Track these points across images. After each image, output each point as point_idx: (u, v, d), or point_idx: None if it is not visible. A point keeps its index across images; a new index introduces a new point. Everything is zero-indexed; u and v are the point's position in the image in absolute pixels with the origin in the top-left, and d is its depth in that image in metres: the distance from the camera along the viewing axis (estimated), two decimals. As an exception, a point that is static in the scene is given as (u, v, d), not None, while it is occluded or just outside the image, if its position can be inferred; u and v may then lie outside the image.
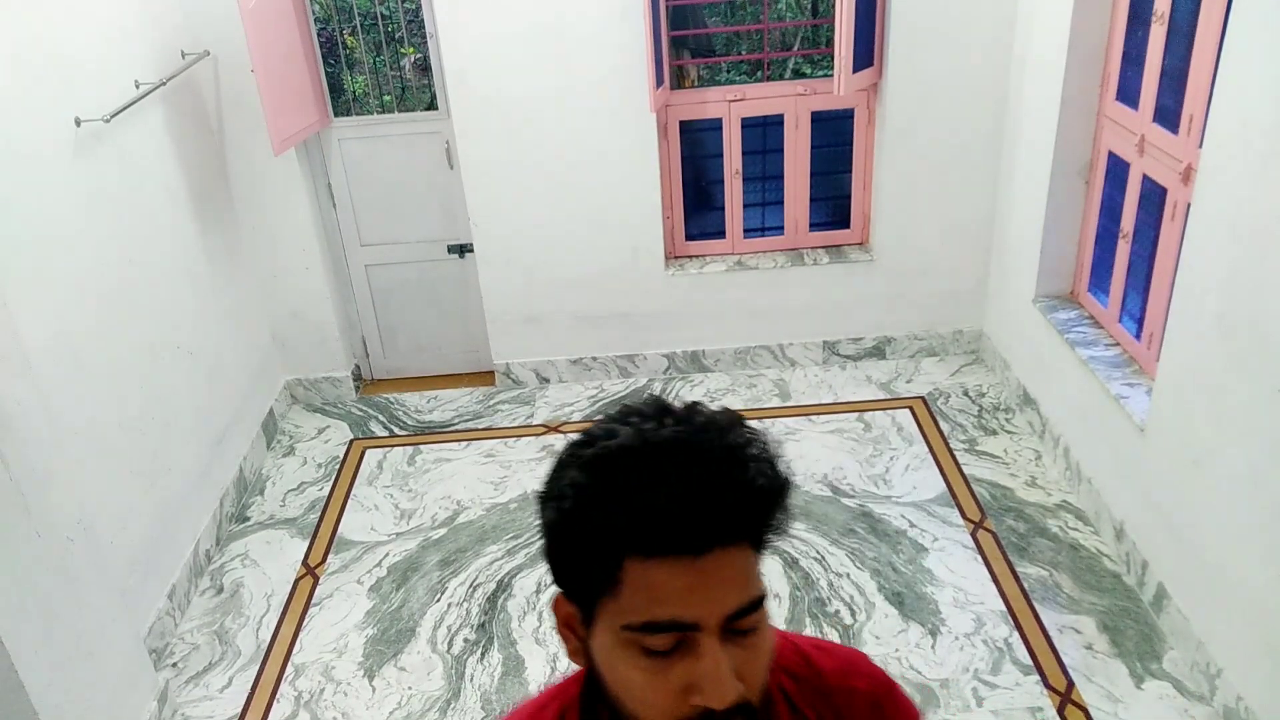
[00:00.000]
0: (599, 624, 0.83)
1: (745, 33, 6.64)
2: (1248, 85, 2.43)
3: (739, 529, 0.79)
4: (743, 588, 0.80)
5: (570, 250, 4.31)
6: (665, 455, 0.78)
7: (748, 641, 0.82)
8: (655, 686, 0.81)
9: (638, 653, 0.81)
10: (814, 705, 1.00)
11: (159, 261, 3.50)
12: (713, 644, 0.79)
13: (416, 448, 4.21)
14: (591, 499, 0.79)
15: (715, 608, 0.79)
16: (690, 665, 0.79)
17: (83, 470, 2.87)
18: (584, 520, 0.80)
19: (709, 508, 0.77)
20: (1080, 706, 2.77)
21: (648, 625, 0.79)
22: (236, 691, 3.07)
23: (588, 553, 0.81)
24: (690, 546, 0.77)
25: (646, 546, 0.78)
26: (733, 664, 0.80)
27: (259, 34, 3.59)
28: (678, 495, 0.76)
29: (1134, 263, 3.36)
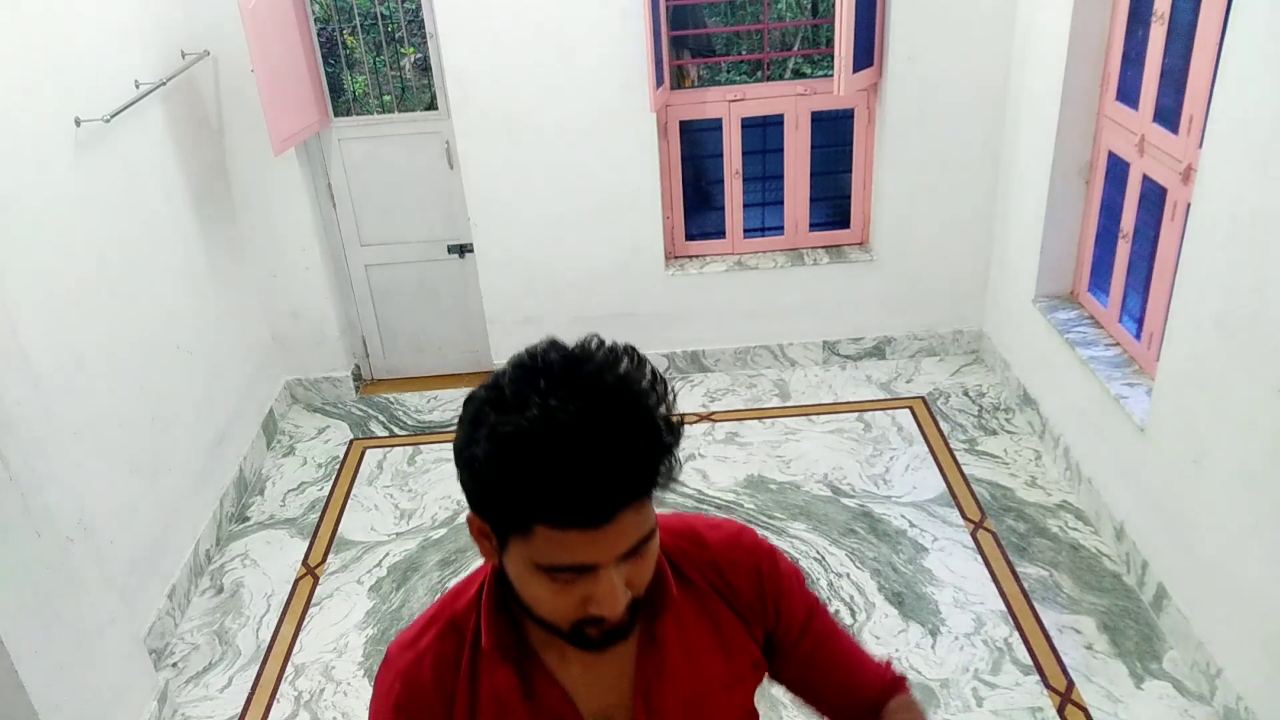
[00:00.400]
0: (510, 551, 0.94)
1: (745, 33, 6.64)
2: (1248, 85, 2.43)
3: (640, 494, 0.89)
4: (638, 531, 0.91)
5: (570, 250, 4.31)
6: (575, 439, 0.85)
7: (638, 559, 0.94)
8: (558, 602, 0.94)
9: (544, 578, 0.93)
10: (702, 572, 1.12)
11: (159, 261, 3.50)
12: (609, 574, 0.92)
13: (416, 448, 4.21)
14: (502, 476, 0.87)
15: (612, 553, 0.91)
16: (589, 585, 0.92)
17: (83, 470, 2.87)
18: (495, 492, 0.89)
19: (608, 489, 0.86)
20: (1080, 706, 2.77)
21: (554, 568, 0.91)
22: (236, 691, 3.07)
23: (501, 513, 0.91)
24: (595, 520, 0.87)
25: (553, 520, 0.87)
26: (624, 578, 0.93)
27: (259, 34, 3.59)
28: (580, 482, 0.85)
29: (1134, 263, 3.36)
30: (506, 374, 0.93)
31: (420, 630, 1.12)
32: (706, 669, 1.11)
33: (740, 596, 1.13)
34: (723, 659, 1.12)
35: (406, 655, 1.11)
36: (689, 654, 1.10)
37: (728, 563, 1.13)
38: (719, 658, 1.12)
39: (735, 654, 1.13)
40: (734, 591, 1.13)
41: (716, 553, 1.13)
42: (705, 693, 1.11)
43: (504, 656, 1.06)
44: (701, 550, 1.13)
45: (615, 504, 0.88)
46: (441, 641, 1.09)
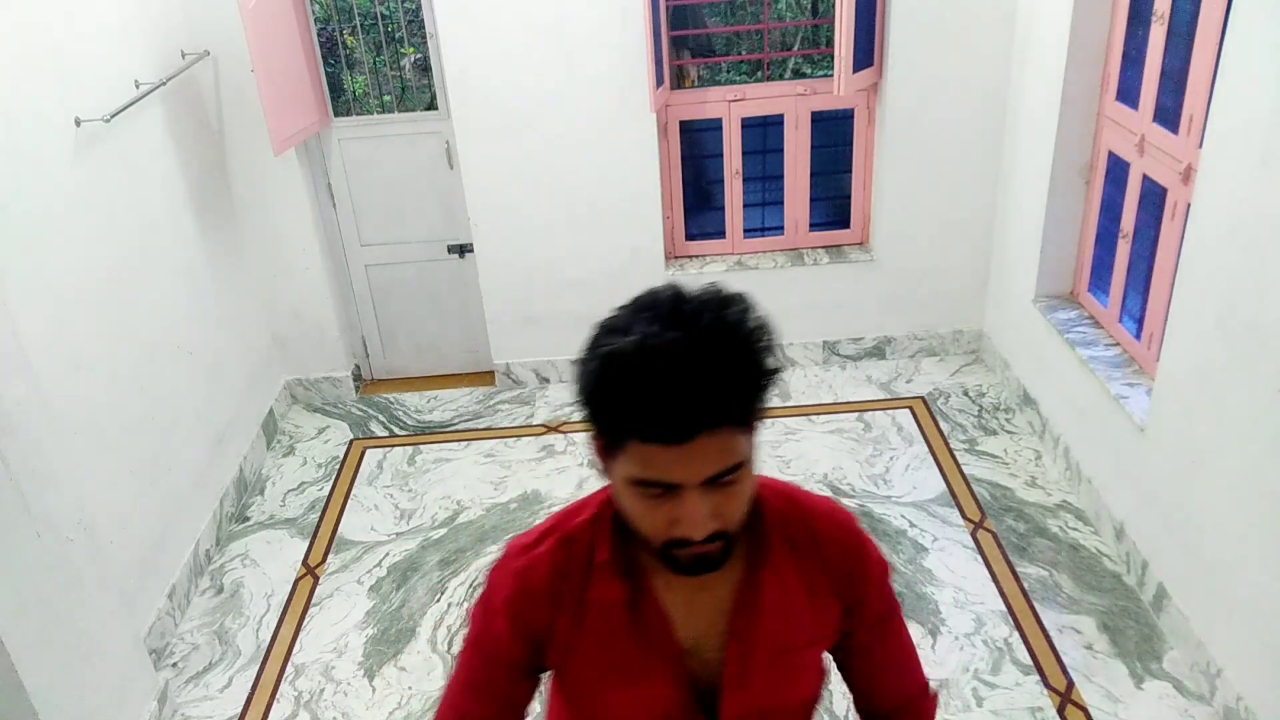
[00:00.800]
0: (614, 465, 1.05)
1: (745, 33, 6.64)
2: (1248, 85, 2.43)
3: (719, 421, 0.96)
4: (721, 459, 0.99)
5: (570, 250, 4.31)
6: (661, 363, 0.94)
7: (727, 490, 1.01)
8: (649, 517, 1.03)
9: (637, 492, 1.02)
10: (800, 536, 1.19)
11: (159, 261, 3.50)
12: (693, 495, 0.99)
13: (416, 448, 4.21)
14: (601, 393, 0.99)
15: (695, 475, 0.98)
16: (675, 506, 1.00)
17: (83, 470, 2.87)
18: (595, 407, 1.01)
19: (691, 410, 0.94)
20: (1080, 706, 2.77)
21: (642, 481, 1.00)
22: (236, 691, 3.07)
23: (600, 426, 1.02)
24: (675, 438, 0.96)
25: (642, 436, 0.97)
26: (711, 506, 1.00)
27: (259, 34, 3.59)
28: (666, 400, 0.94)
29: (1134, 263, 3.36)
30: (626, 305, 1.03)
31: (537, 538, 1.21)
32: (796, 623, 1.19)
33: (831, 568, 1.20)
34: (810, 617, 1.20)
35: (523, 558, 1.20)
36: (783, 606, 1.18)
37: (824, 534, 1.20)
38: (808, 615, 1.20)
39: (821, 615, 1.21)
40: (826, 561, 1.20)
41: (815, 521, 1.21)
42: (791, 644, 1.19)
43: (617, 571, 1.15)
44: (800, 516, 1.20)
45: (695, 425, 0.95)
46: (556, 551, 1.18)
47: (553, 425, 4.28)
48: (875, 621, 1.25)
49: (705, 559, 1.05)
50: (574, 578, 1.17)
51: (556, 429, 4.25)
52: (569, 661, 1.20)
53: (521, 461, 4.05)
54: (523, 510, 3.75)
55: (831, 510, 1.24)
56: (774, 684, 1.18)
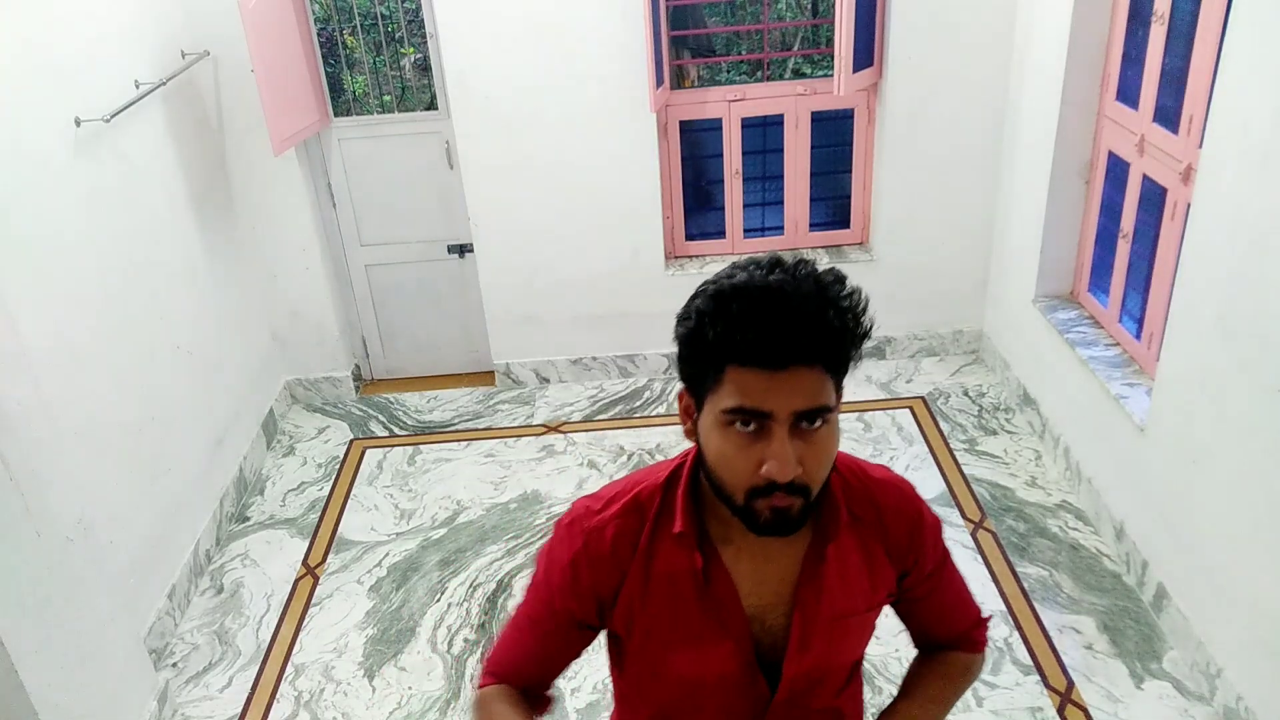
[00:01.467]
0: (705, 410, 1.11)
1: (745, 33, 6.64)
2: (1248, 85, 2.43)
3: (811, 355, 1.03)
4: (810, 396, 1.04)
5: (570, 250, 4.31)
6: (764, 294, 1.03)
7: (812, 438, 1.07)
8: (738, 458, 1.07)
9: (728, 432, 1.07)
10: (864, 508, 1.25)
11: (159, 261, 3.50)
12: (782, 432, 1.05)
13: (416, 448, 4.21)
14: (708, 321, 1.05)
15: (785, 406, 1.04)
16: (764, 446, 1.06)
17: (83, 470, 2.87)
18: (701, 336, 1.06)
19: (787, 336, 1.02)
20: (1080, 706, 2.77)
21: (736, 410, 1.05)
22: (236, 691, 3.07)
23: (702, 359, 1.08)
24: (772, 362, 1.03)
25: (741, 358, 1.04)
26: (796, 452, 1.06)
27: (259, 34, 3.59)
28: (767, 324, 1.02)
29: (1134, 263, 3.36)
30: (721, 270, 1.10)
31: (606, 502, 1.26)
32: (855, 592, 1.25)
33: (890, 538, 1.27)
34: (869, 587, 1.27)
35: (592, 519, 1.25)
36: (844, 576, 1.24)
37: (887, 507, 1.27)
38: (867, 585, 1.26)
39: (879, 585, 1.28)
40: (887, 533, 1.27)
41: (877, 494, 1.27)
42: (850, 612, 1.25)
43: (691, 540, 1.20)
44: (863, 488, 1.26)
45: (792, 353, 1.02)
46: (625, 517, 1.23)
47: (553, 425, 4.28)
48: (929, 576, 1.33)
49: (784, 515, 1.08)
50: (640, 546, 1.22)
51: (556, 429, 4.25)
52: (634, 624, 1.25)
53: (521, 461, 4.05)
54: (522, 510, 3.75)
55: (892, 482, 1.29)
56: (830, 647, 1.26)
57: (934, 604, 1.37)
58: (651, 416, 4.30)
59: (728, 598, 1.21)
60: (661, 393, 4.45)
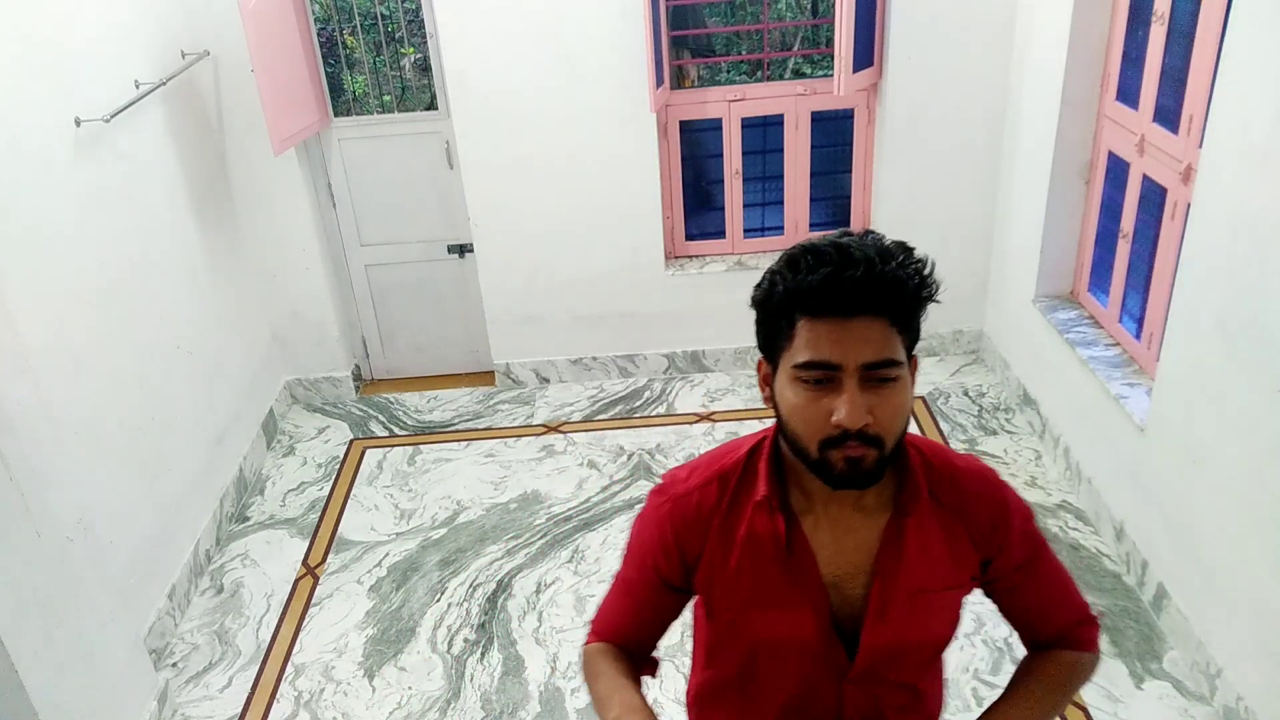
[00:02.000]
0: (779, 371, 1.17)
1: (745, 33, 6.64)
2: (1248, 85, 2.43)
3: (876, 305, 1.10)
4: (878, 347, 1.10)
5: (570, 250, 4.31)
6: (832, 248, 1.10)
7: (882, 390, 1.12)
8: (810, 409, 1.13)
9: (801, 386, 1.13)
10: (947, 492, 1.28)
11: (159, 261, 3.50)
12: (851, 383, 1.10)
13: (416, 448, 4.21)
14: (780, 278, 1.14)
15: (854, 356, 1.10)
16: (834, 397, 1.11)
17: (83, 470, 2.87)
18: (774, 291, 1.15)
19: (852, 284, 1.08)
20: (1080, 706, 2.77)
21: (807, 364, 1.12)
22: (236, 691, 3.07)
23: (775, 314, 1.16)
24: (840, 311, 1.10)
25: (810, 309, 1.11)
26: (866, 402, 1.11)
27: (259, 34, 3.59)
28: (834, 275, 1.09)
29: (1134, 263, 3.36)
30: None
31: (689, 473, 1.34)
32: (936, 570, 1.27)
33: (974, 523, 1.29)
34: (950, 566, 1.28)
35: (680, 487, 1.32)
36: (925, 553, 1.26)
37: (970, 492, 1.29)
38: (948, 564, 1.28)
39: (960, 566, 1.29)
40: (970, 517, 1.28)
41: (961, 479, 1.29)
42: (929, 587, 1.27)
43: (774, 507, 1.25)
44: (948, 471, 1.29)
45: (856, 301, 1.09)
46: (707, 488, 1.30)
47: (553, 425, 4.28)
48: (1019, 565, 1.33)
49: (858, 465, 1.13)
50: (721, 512, 1.29)
51: (556, 429, 4.25)
52: (714, 586, 1.31)
53: (521, 461, 4.05)
54: (522, 510, 3.75)
55: (976, 470, 1.31)
56: (910, 622, 1.28)
57: (1031, 597, 1.36)
58: (651, 416, 4.30)
59: (806, 564, 1.25)
60: (661, 393, 4.45)
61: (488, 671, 3.06)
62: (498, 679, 3.03)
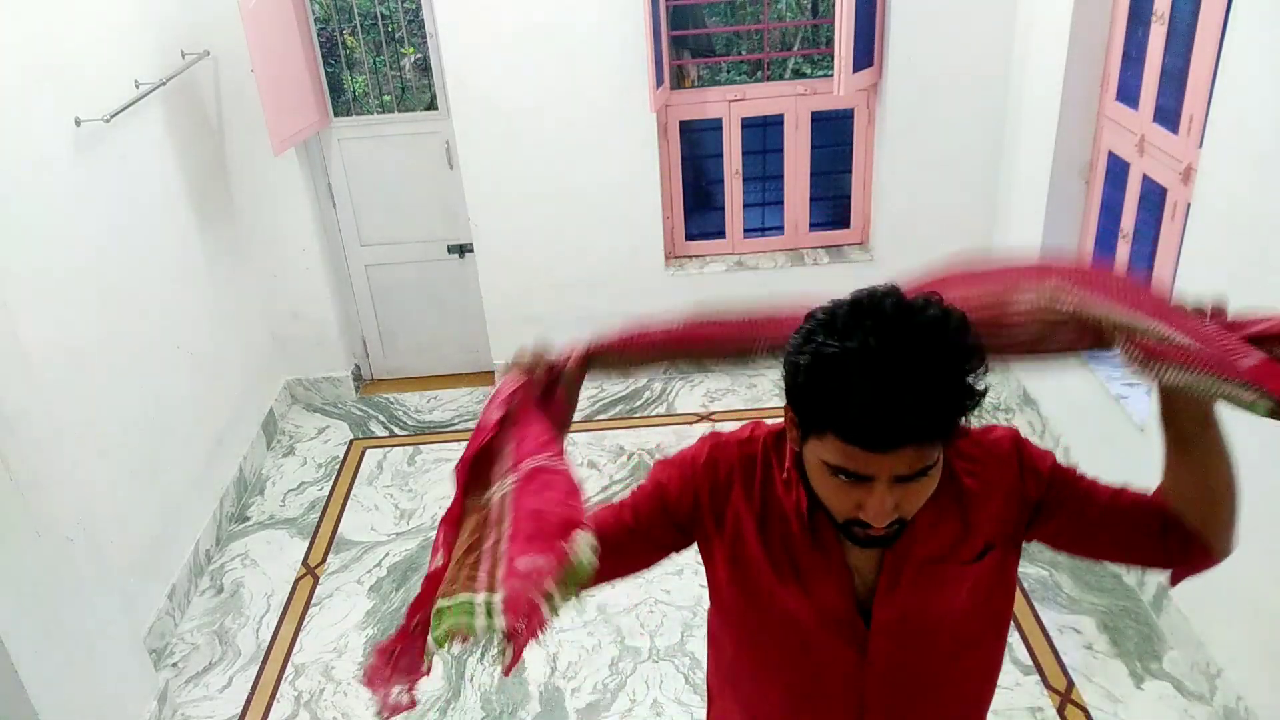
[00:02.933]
0: (807, 446, 1.13)
1: (745, 33, 6.64)
2: (1248, 85, 2.43)
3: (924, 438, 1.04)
4: (916, 464, 1.06)
5: (570, 250, 4.31)
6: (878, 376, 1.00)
7: (913, 486, 1.09)
8: (835, 497, 1.13)
9: (828, 474, 1.11)
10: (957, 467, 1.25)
11: (159, 261, 3.50)
12: (881, 488, 1.08)
13: (416, 448, 4.21)
14: (814, 386, 1.06)
15: (888, 473, 1.07)
16: (864, 494, 1.09)
17: (82, 470, 2.87)
18: (806, 397, 1.08)
19: (897, 426, 1.02)
20: (1080, 706, 2.78)
21: (837, 469, 1.09)
22: (236, 691, 3.07)
23: (806, 413, 1.10)
24: (879, 448, 1.04)
25: (844, 436, 1.05)
26: (896, 499, 1.09)
27: (259, 34, 3.59)
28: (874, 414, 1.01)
29: (1134, 263, 3.36)
30: (844, 306, 1.07)
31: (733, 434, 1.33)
32: (946, 538, 1.25)
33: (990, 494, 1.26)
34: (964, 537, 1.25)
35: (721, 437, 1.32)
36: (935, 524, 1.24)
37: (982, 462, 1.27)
38: (960, 534, 1.25)
39: (975, 534, 1.25)
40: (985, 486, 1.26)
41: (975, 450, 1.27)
42: (939, 556, 1.25)
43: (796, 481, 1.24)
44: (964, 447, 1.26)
45: (901, 439, 1.03)
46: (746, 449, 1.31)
47: (553, 425, 4.27)
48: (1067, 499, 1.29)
49: (882, 539, 1.15)
50: (758, 478, 1.28)
51: (556, 429, 4.24)
52: (744, 553, 1.29)
53: (521, 461, 4.04)
54: (523, 510, 3.75)
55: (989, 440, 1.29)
56: (923, 594, 1.26)
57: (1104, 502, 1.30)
58: (651, 417, 4.30)
59: (829, 543, 1.25)
60: (661, 393, 4.45)
61: (488, 671, 3.06)
62: (498, 679, 3.03)
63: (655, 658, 3.05)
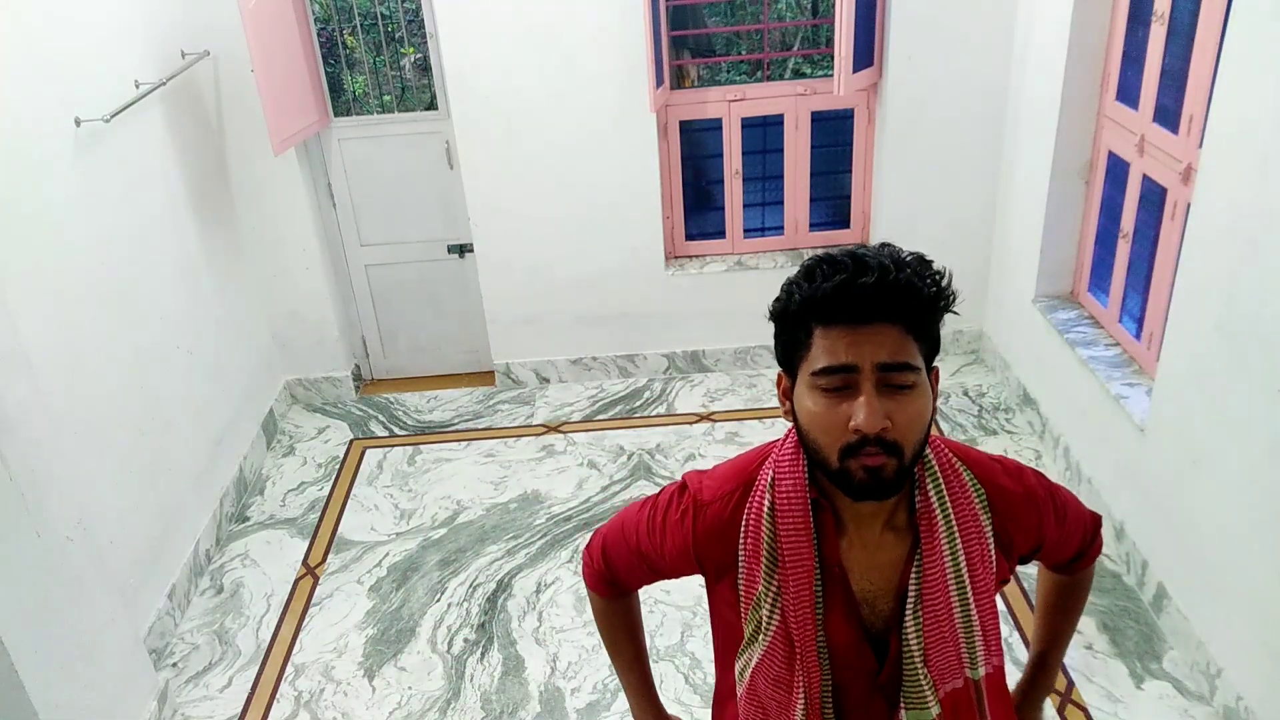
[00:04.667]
0: (798, 382, 1.18)
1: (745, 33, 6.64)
2: (1248, 85, 2.43)
3: (891, 312, 1.11)
4: (892, 351, 1.11)
5: (570, 250, 4.31)
6: (846, 256, 1.12)
7: (899, 396, 1.12)
8: (828, 416, 1.14)
9: (819, 394, 1.14)
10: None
11: (159, 261, 3.50)
12: (868, 385, 1.11)
13: (416, 448, 4.21)
14: (797, 288, 1.15)
15: (868, 358, 1.11)
16: (852, 403, 1.12)
17: (83, 470, 2.87)
18: (790, 302, 1.16)
19: (868, 291, 1.10)
20: (1080, 706, 2.78)
21: (824, 369, 1.13)
22: (236, 691, 3.07)
23: (792, 325, 1.17)
24: (854, 318, 1.11)
25: (826, 317, 1.12)
26: (884, 408, 1.11)
27: (259, 34, 3.59)
28: (848, 282, 1.10)
29: (1134, 263, 3.36)
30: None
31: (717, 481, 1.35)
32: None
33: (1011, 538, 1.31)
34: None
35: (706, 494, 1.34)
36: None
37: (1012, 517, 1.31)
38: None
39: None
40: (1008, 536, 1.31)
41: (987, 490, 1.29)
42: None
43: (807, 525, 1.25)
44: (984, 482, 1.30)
45: (871, 307, 1.10)
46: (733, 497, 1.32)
47: (553, 425, 4.28)
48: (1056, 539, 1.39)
49: (879, 474, 1.13)
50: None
51: (556, 429, 4.25)
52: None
53: (521, 461, 4.05)
54: (522, 510, 3.75)
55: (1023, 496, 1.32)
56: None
57: (1060, 544, 1.41)
58: (651, 416, 4.30)
59: (840, 579, 1.27)
60: (661, 393, 4.45)
61: (488, 671, 3.06)
62: (498, 679, 3.03)
63: (655, 658, 3.05)
